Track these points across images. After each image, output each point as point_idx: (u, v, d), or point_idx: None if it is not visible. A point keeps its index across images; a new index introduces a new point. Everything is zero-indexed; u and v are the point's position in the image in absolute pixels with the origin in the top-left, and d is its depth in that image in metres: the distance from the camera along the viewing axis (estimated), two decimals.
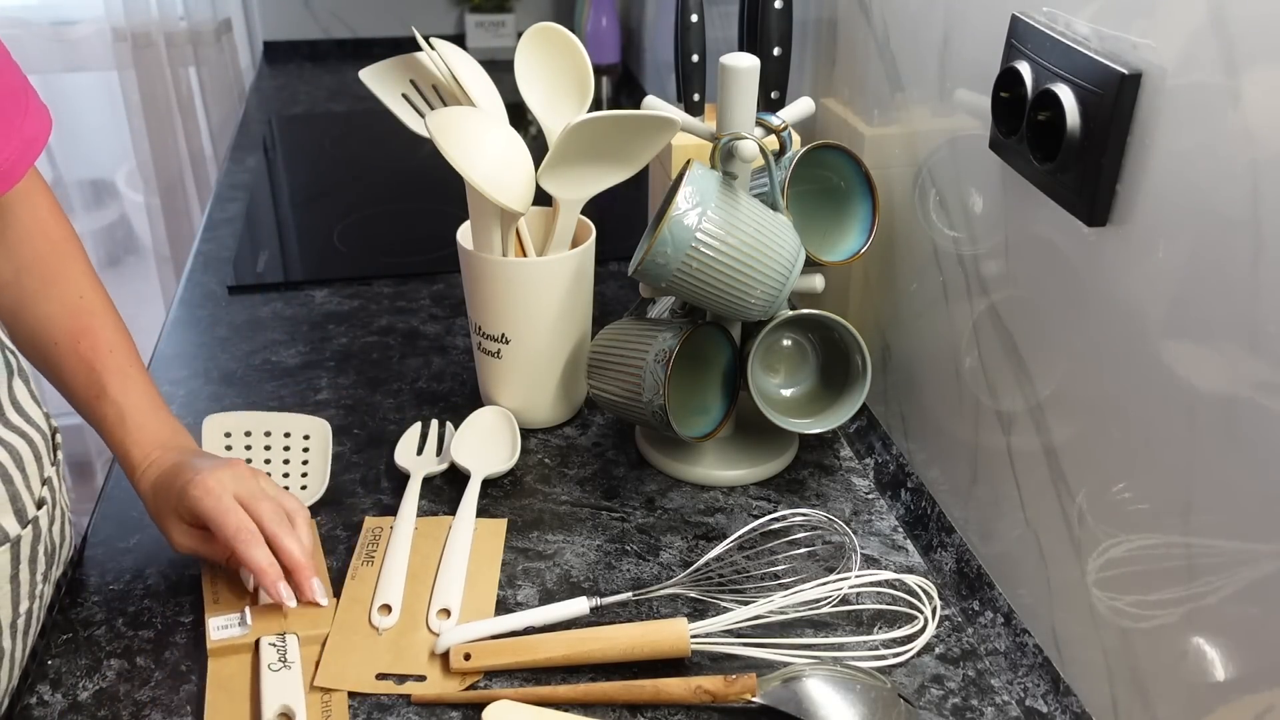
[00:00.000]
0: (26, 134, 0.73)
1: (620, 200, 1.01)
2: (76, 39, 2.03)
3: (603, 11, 1.92)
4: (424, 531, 0.84)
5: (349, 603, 0.77)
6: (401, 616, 0.76)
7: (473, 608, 0.77)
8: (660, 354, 0.84)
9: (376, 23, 2.14)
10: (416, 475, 0.89)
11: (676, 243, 0.77)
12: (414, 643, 0.74)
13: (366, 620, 0.76)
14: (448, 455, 0.92)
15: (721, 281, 0.79)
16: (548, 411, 0.97)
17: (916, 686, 0.72)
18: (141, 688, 0.71)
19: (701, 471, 0.90)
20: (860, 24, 0.92)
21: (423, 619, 0.76)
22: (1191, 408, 0.56)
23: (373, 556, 0.81)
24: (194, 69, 2.11)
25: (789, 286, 0.81)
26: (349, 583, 0.79)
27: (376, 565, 0.80)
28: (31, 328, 0.78)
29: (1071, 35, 0.62)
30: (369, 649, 0.74)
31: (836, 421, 0.87)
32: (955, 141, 0.78)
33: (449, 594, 0.77)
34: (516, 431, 0.93)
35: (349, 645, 0.74)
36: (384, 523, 0.85)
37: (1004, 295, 0.73)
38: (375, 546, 0.82)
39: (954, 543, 0.82)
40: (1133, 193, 0.59)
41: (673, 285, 0.80)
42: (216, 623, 0.73)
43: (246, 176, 1.57)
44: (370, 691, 0.71)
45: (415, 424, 0.96)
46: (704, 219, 0.77)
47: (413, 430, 0.95)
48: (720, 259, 0.78)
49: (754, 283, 0.79)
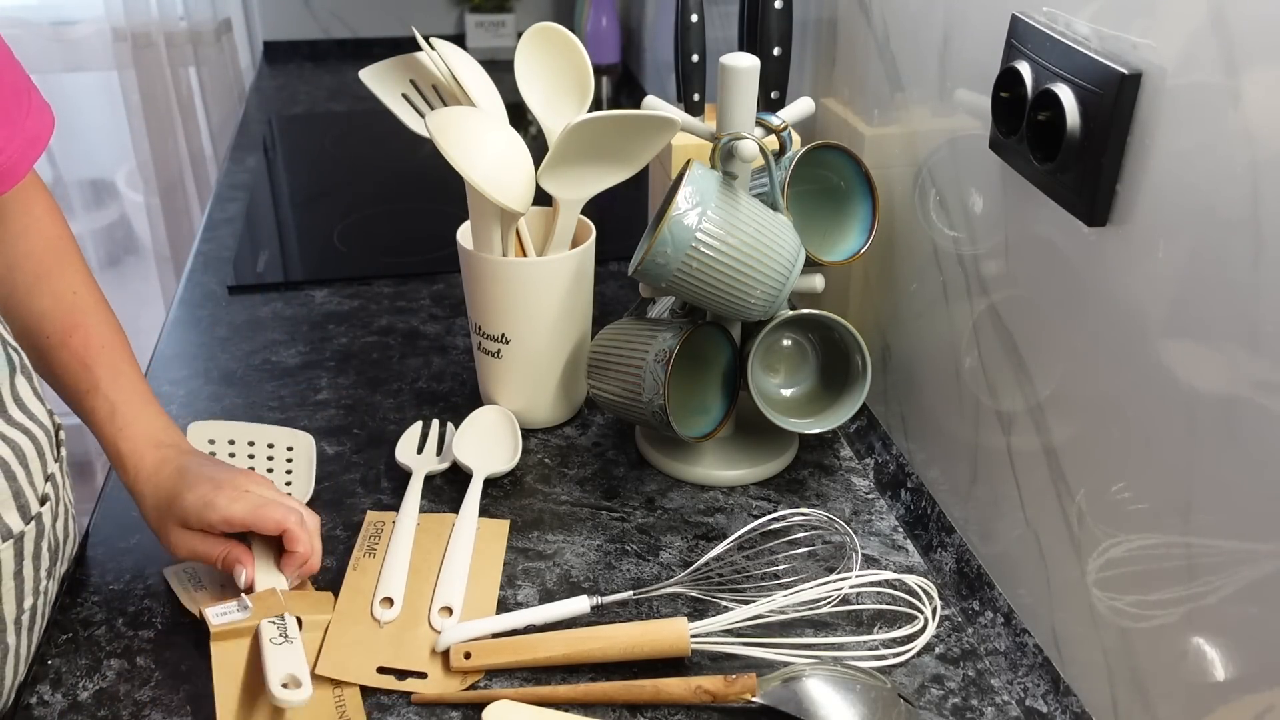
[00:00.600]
0: (29, 132, 0.73)
1: (620, 200, 1.01)
2: (76, 39, 2.03)
3: (603, 11, 1.92)
4: (426, 528, 0.84)
5: (351, 593, 0.77)
6: (403, 611, 0.76)
7: (474, 607, 0.77)
8: (660, 354, 0.84)
9: (376, 23, 2.14)
10: (418, 473, 0.89)
11: (676, 243, 0.77)
12: (415, 638, 0.74)
13: (368, 612, 0.76)
14: (449, 454, 0.92)
15: (721, 282, 0.79)
16: (548, 411, 0.97)
17: (916, 686, 0.72)
18: (141, 688, 0.71)
19: (701, 471, 0.90)
20: (860, 24, 0.92)
21: (424, 615, 0.76)
22: (1191, 408, 0.56)
23: (375, 549, 0.81)
24: (194, 69, 2.11)
25: (789, 286, 0.81)
26: (350, 573, 0.79)
27: (379, 558, 0.80)
28: (25, 323, 0.78)
29: (1071, 35, 0.62)
30: (370, 641, 0.74)
31: (836, 422, 0.87)
32: (955, 141, 0.78)
33: (451, 592, 0.77)
34: (518, 431, 0.93)
35: (351, 636, 0.74)
36: (386, 517, 0.85)
37: (1004, 295, 0.73)
38: (378, 539, 0.83)
39: (954, 543, 0.82)
40: (1133, 193, 0.59)
41: (673, 285, 0.80)
42: (215, 610, 0.73)
43: (246, 176, 1.57)
44: (371, 684, 0.71)
45: (416, 423, 0.96)
46: (704, 219, 0.77)
47: (413, 429, 0.95)
48: (720, 259, 0.78)
49: (754, 283, 0.79)
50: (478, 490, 0.87)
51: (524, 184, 0.85)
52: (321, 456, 0.93)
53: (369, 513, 0.86)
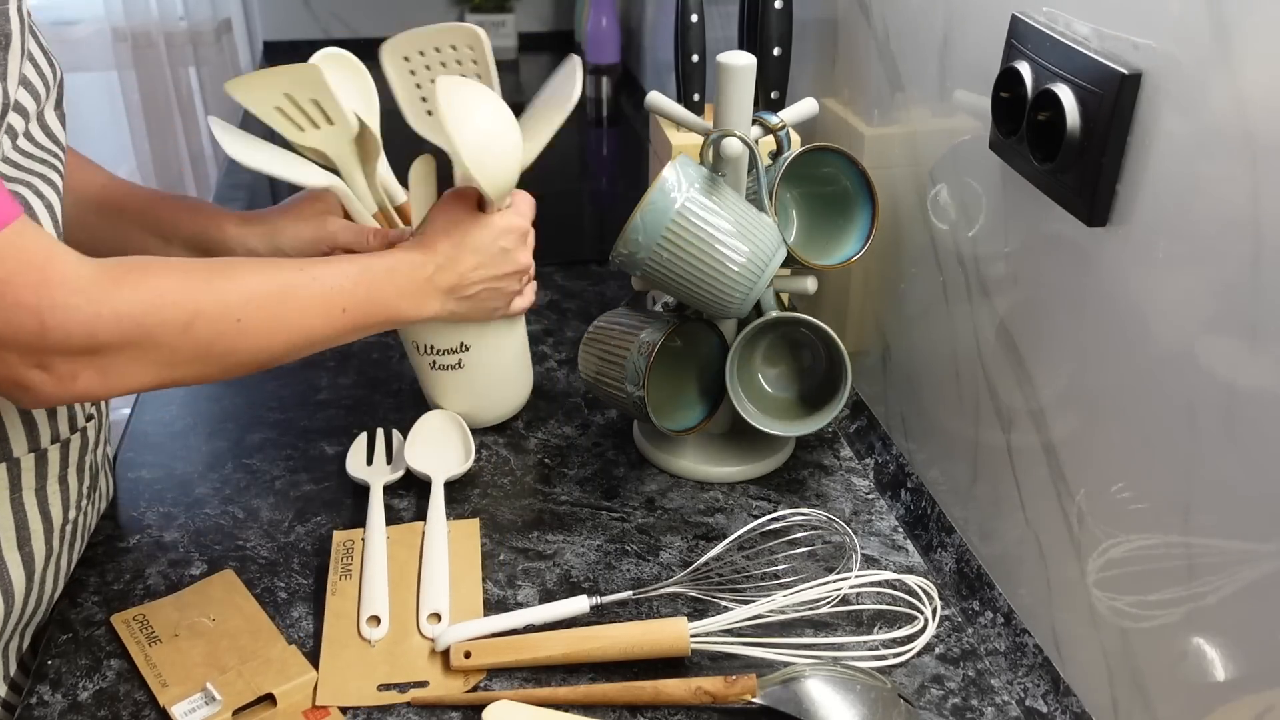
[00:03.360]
0: None
1: (621, 200, 1.01)
2: (76, 39, 2.03)
3: (603, 11, 1.92)
4: (397, 539, 0.83)
5: (334, 618, 0.76)
6: (392, 626, 0.75)
7: (462, 609, 0.77)
8: (644, 346, 0.85)
9: (376, 23, 2.14)
10: (377, 486, 0.87)
11: (648, 230, 0.78)
12: (409, 650, 0.74)
13: (357, 634, 0.75)
14: (400, 463, 0.90)
15: (691, 272, 0.79)
16: (511, 403, 0.97)
17: (916, 686, 0.72)
18: (141, 688, 0.71)
19: (691, 465, 0.90)
20: (860, 24, 0.92)
21: (413, 626, 0.76)
22: (1191, 408, 0.56)
23: (350, 570, 0.80)
24: (194, 69, 2.11)
25: (762, 283, 0.81)
26: (330, 599, 0.77)
27: (355, 578, 0.79)
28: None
29: (1071, 35, 0.62)
30: (365, 661, 0.73)
31: (810, 428, 0.85)
32: (955, 142, 0.78)
33: (437, 598, 0.77)
34: (468, 432, 0.93)
35: (343, 660, 0.73)
36: (353, 535, 0.83)
37: (1004, 295, 0.73)
38: (350, 559, 0.81)
39: (954, 543, 0.82)
40: (1133, 193, 0.59)
41: (646, 274, 0.81)
42: (182, 709, 0.68)
43: (247, 177, 1.57)
44: (375, 704, 0.70)
45: (360, 435, 0.94)
46: (677, 209, 0.78)
47: (359, 442, 0.93)
48: (690, 249, 0.78)
49: (725, 276, 0.79)
50: (440, 494, 0.86)
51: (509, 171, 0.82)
52: (321, 456, 0.93)
53: (335, 533, 0.84)
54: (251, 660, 0.72)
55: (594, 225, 1.51)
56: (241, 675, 0.70)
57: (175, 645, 0.73)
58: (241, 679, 0.70)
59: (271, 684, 0.70)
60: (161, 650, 0.73)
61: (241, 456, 0.94)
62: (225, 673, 0.70)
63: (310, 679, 0.71)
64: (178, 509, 0.87)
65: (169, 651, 0.73)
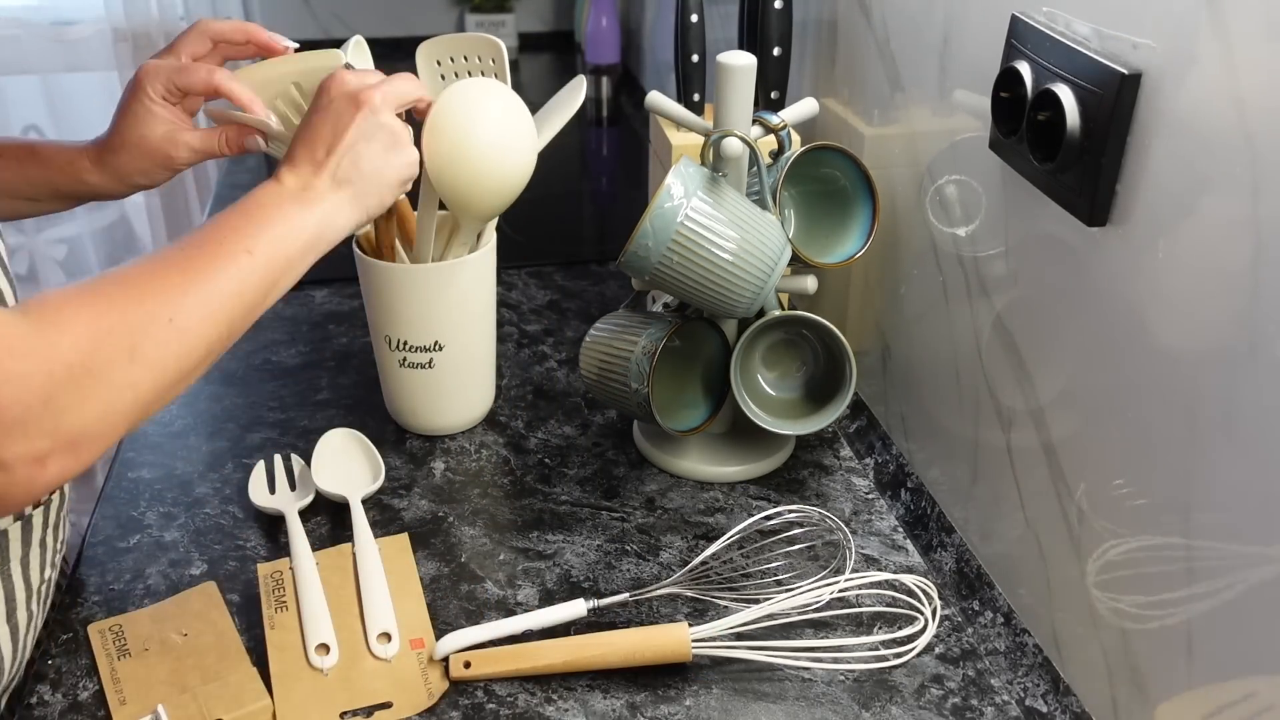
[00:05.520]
0: None
1: (621, 201, 1.01)
2: (76, 39, 2.03)
3: (603, 11, 1.92)
4: (328, 564, 0.80)
5: (278, 652, 0.73)
6: (341, 652, 0.74)
7: (410, 625, 0.76)
8: (647, 347, 0.85)
9: (376, 23, 2.14)
10: (292, 513, 0.85)
11: (658, 235, 0.78)
12: (364, 673, 0.72)
13: (306, 665, 0.73)
14: (309, 486, 0.88)
15: (701, 275, 0.79)
16: (478, 410, 0.98)
17: (916, 686, 0.72)
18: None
19: (691, 465, 0.90)
20: (860, 24, 0.92)
21: (363, 649, 0.74)
22: (1191, 408, 0.56)
23: (284, 601, 0.77)
24: None
25: (771, 284, 0.81)
26: (271, 633, 0.74)
27: (292, 609, 0.76)
28: None
29: (1071, 35, 0.62)
30: (322, 692, 0.71)
31: (816, 426, 0.85)
32: (955, 141, 0.78)
33: (383, 618, 0.76)
34: (372, 447, 0.92)
35: (299, 695, 0.71)
36: (279, 566, 0.80)
37: (1004, 295, 0.73)
38: (282, 591, 0.78)
39: (954, 543, 0.82)
40: (1133, 193, 0.59)
41: (655, 278, 0.80)
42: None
43: (246, 177, 1.57)
44: None
45: (259, 463, 0.91)
46: (686, 213, 0.78)
47: (258, 470, 0.90)
48: (700, 253, 0.78)
49: (734, 278, 0.80)
50: (361, 513, 0.85)
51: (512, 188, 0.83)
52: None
53: (259, 566, 0.80)
54: (212, 682, 0.71)
55: (594, 225, 1.51)
56: (196, 699, 0.69)
57: (143, 660, 0.73)
58: (195, 702, 0.69)
59: (223, 709, 0.69)
60: (129, 665, 0.72)
61: (241, 456, 0.94)
62: (184, 693, 0.70)
63: (264, 706, 0.69)
64: (178, 509, 0.87)
65: (135, 667, 0.72)
